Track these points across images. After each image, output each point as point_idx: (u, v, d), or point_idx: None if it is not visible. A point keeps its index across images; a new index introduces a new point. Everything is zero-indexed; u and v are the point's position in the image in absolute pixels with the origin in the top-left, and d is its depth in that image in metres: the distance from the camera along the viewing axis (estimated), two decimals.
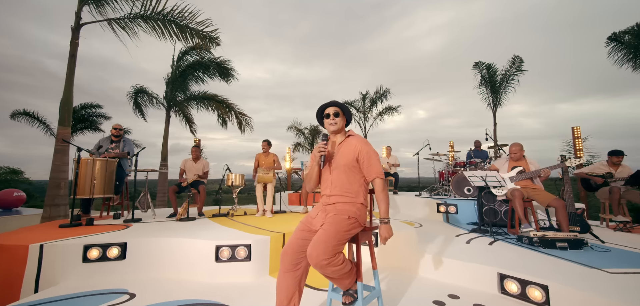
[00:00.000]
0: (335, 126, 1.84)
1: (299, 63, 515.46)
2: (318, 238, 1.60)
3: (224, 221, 4.21)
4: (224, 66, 11.21)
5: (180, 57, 11.57)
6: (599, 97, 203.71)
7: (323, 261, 1.54)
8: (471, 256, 2.76)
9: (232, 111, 11.79)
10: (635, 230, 4.01)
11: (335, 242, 1.59)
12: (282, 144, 25.59)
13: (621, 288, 1.99)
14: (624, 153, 4.30)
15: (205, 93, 11.66)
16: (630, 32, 10.30)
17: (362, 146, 1.79)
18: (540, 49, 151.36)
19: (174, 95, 11.53)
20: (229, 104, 11.72)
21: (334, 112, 1.84)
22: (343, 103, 1.86)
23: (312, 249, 1.56)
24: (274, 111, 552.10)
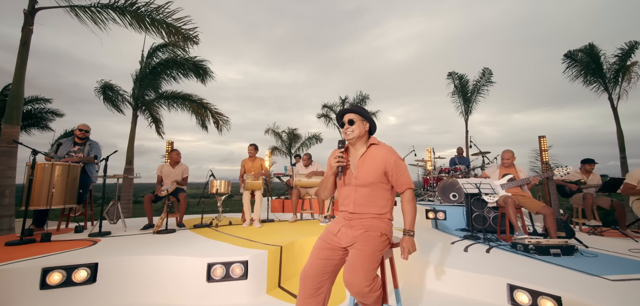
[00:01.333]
0: (352, 134, 1.66)
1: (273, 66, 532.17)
2: (355, 262, 1.41)
3: (209, 232, 3.84)
4: (200, 65, 10.60)
5: (150, 54, 10.76)
6: (549, 109, 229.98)
7: (365, 288, 1.36)
8: (475, 266, 2.73)
9: (209, 112, 11.19)
10: (606, 234, 4.31)
11: (373, 264, 1.42)
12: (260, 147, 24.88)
13: (626, 296, 2.03)
14: (595, 161, 4.64)
15: (180, 92, 10.94)
16: (583, 51, 11.44)
17: (389, 155, 1.63)
18: (498, 64, 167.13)
19: (143, 93, 10.67)
20: (205, 105, 11.11)
21: (348, 120, 1.66)
22: (362, 107, 1.69)
23: (352, 276, 1.37)
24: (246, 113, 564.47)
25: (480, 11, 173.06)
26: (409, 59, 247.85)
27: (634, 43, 10.75)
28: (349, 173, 1.68)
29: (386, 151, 1.66)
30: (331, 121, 17.70)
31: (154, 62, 10.69)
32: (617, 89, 11.14)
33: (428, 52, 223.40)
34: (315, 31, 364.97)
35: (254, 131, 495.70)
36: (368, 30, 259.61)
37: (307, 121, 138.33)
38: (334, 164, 1.63)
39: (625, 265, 2.74)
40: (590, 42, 11.09)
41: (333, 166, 1.64)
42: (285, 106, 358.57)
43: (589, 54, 11.23)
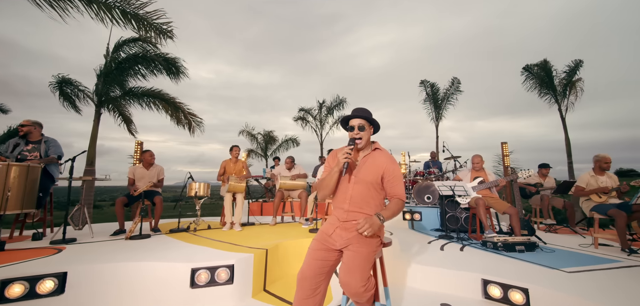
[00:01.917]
0: (361, 141, 1.70)
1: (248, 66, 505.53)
2: (351, 263, 1.45)
3: (187, 237, 3.69)
4: (173, 62, 10.10)
5: (117, 47, 10.06)
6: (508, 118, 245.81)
7: (361, 289, 1.40)
8: (452, 264, 2.91)
9: (181, 111, 10.69)
10: (559, 231, 4.80)
11: (369, 265, 1.47)
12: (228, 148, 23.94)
13: (581, 286, 2.29)
14: (550, 166, 5.15)
15: (151, 90, 10.32)
16: (539, 65, 12.63)
17: (389, 164, 1.70)
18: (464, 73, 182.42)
19: (107, 89, 9.93)
20: (178, 104, 10.60)
21: (358, 125, 1.69)
22: (368, 111, 1.73)
23: (349, 277, 1.41)
24: (218, 113, 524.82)
25: (449, 24, 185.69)
26: (382, 65, 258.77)
27: (578, 61, 12.09)
28: (352, 171, 1.72)
29: (387, 158, 1.72)
30: (308, 124, 17.77)
31: (120, 57, 10.01)
32: (566, 102, 12.44)
33: (400, 60, 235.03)
34: (291, 33, 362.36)
35: (226, 132, 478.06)
36: (344, 35, 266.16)
37: (283, 123, 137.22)
38: (342, 159, 1.63)
39: (578, 258, 3.08)
40: (545, 58, 12.28)
41: (341, 162, 1.64)
42: (259, 108, 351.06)
43: (543, 69, 12.43)
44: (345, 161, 1.61)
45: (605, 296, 2.06)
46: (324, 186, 1.74)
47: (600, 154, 3.80)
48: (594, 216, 3.69)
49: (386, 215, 1.62)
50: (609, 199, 3.70)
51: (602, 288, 2.23)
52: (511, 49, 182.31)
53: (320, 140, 17.66)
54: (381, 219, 1.60)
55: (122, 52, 10.09)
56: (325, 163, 1.85)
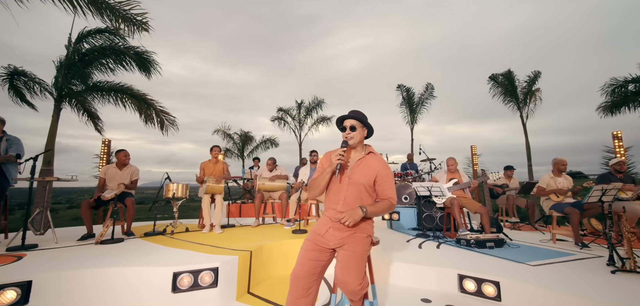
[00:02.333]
0: (353, 140, 1.74)
1: (224, 64, 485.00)
2: (348, 262, 1.49)
3: (165, 240, 3.54)
4: (145, 56, 9.56)
5: (80, 38, 9.33)
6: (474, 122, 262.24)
7: (358, 287, 1.45)
8: (430, 261, 3.07)
9: (152, 109, 10.15)
10: (522, 228, 5.22)
11: (364, 264, 1.52)
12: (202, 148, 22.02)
13: (544, 277, 2.53)
14: (514, 168, 5.58)
15: (118, 85, 9.68)
16: (503, 75, 13.60)
17: (382, 168, 1.75)
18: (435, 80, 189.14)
19: (69, 83, 9.18)
20: (149, 101, 10.04)
21: (350, 125, 1.74)
22: (363, 114, 1.78)
23: (346, 276, 1.45)
24: (192, 111, 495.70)
25: (421, 32, 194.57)
26: (359, 68, 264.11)
27: (537, 72, 13.19)
28: (343, 172, 1.76)
29: (381, 162, 1.78)
30: (287, 125, 17.66)
31: (85, 48, 9.30)
32: (526, 109, 13.52)
33: (376, 64, 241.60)
34: (269, 33, 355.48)
35: (200, 131, 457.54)
36: (322, 38, 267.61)
37: (259, 123, 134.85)
38: (335, 161, 1.66)
39: (540, 253, 3.38)
40: (509, 69, 13.25)
41: (333, 163, 1.67)
42: (235, 107, 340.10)
43: (507, 78, 13.41)
44: (338, 162, 1.65)
45: (564, 286, 2.29)
46: (316, 185, 1.77)
47: (558, 158, 4.20)
48: (553, 214, 4.07)
49: (370, 210, 1.65)
50: (565, 199, 4.09)
51: (561, 278, 2.48)
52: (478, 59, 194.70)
53: (299, 141, 17.64)
54: (364, 211, 1.62)
55: (86, 43, 9.38)
56: (318, 162, 1.88)
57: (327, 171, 1.72)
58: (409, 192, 5.73)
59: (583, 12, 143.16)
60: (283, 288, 2.81)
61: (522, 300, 2.33)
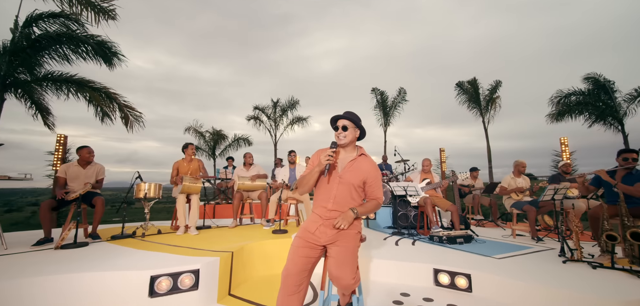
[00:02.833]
0: (345, 139, 1.78)
1: (194, 59, 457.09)
2: (341, 258, 1.53)
3: (136, 243, 3.33)
4: (107, 46, 8.86)
5: (30, 22, 8.41)
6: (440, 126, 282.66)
7: (352, 281, 1.49)
8: (406, 257, 3.22)
9: (115, 103, 9.43)
10: (486, 225, 5.65)
11: (355, 259, 1.57)
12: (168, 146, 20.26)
13: (508, 268, 2.77)
14: (479, 169, 6.03)
15: (75, 76, 8.87)
16: (469, 82, 14.59)
17: (372, 170, 1.81)
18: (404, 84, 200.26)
19: (14, 71, 8.24)
20: (112, 95, 9.32)
21: (342, 125, 1.78)
22: (356, 115, 1.81)
23: (341, 271, 1.48)
24: (156, 108, 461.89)
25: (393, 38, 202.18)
26: (334, 70, 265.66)
27: (498, 81, 14.34)
28: (334, 172, 1.79)
29: (371, 164, 1.84)
30: (262, 124, 17.36)
31: (36, 34, 8.39)
32: (488, 115, 14.64)
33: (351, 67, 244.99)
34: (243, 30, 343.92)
35: (165, 129, 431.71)
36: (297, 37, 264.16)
37: (231, 122, 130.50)
38: (324, 161, 1.68)
39: (503, 247, 3.70)
40: (474, 77, 14.23)
41: (322, 163, 1.70)
42: (205, 104, 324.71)
43: (472, 85, 14.42)
44: (326, 162, 1.69)
45: (525, 275, 2.54)
46: (305, 182, 1.80)
47: (518, 160, 4.62)
48: (513, 211, 4.46)
49: (360, 211, 1.75)
50: (523, 198, 4.51)
51: (521, 269, 2.74)
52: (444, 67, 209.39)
53: (274, 141, 17.43)
54: (355, 213, 1.71)
55: (37, 28, 8.48)
56: (309, 161, 1.90)
57: (315, 171, 1.75)
58: (384, 192, 5.94)
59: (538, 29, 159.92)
60: (264, 289, 2.79)
61: (490, 289, 2.55)
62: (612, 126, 11.36)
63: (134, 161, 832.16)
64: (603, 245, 2.90)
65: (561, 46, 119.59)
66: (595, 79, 11.41)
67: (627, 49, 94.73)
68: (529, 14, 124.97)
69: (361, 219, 1.83)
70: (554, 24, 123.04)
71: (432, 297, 2.57)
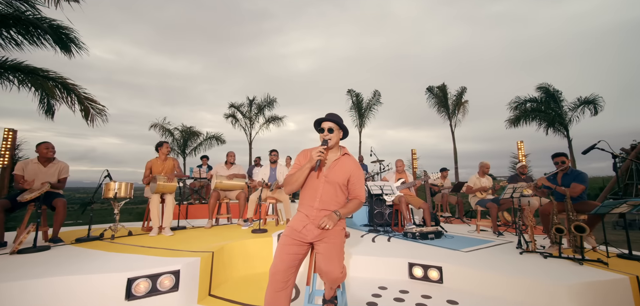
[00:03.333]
0: (331, 141, 1.85)
1: (162, 51, 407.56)
2: (330, 253, 1.60)
3: (106, 245, 3.15)
4: (64, 32, 8.15)
5: None
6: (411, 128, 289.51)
7: (340, 274, 1.56)
8: (383, 252, 3.38)
9: (74, 95, 8.70)
10: (453, 221, 6.05)
11: (342, 254, 1.64)
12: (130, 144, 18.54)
13: (474, 260, 3.03)
14: (448, 169, 6.44)
15: (20, 63, 8.00)
16: (438, 87, 15.42)
17: (356, 169, 1.89)
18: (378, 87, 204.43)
19: None
20: (70, 85, 8.58)
21: (328, 127, 1.84)
22: (339, 117, 1.89)
23: (330, 265, 1.55)
24: (118, 102, 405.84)
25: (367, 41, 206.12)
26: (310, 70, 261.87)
27: (464, 87, 15.33)
28: (320, 172, 1.85)
29: (355, 164, 1.92)
30: (237, 122, 16.94)
31: None
32: (455, 118, 15.61)
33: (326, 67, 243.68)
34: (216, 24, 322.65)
35: (128, 124, 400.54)
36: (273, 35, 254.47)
37: (201, 119, 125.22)
38: (315, 156, 1.74)
39: (469, 241, 4.01)
40: (444, 82, 15.09)
41: (314, 158, 1.75)
42: (173, 99, 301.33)
43: (441, 90, 15.27)
44: (318, 158, 1.75)
45: (488, 266, 2.80)
46: (293, 181, 1.83)
47: (483, 162, 5.03)
48: (478, 208, 4.85)
49: (343, 212, 1.83)
50: (487, 196, 4.91)
51: (485, 260, 3.01)
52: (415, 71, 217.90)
53: (249, 139, 17.11)
54: (338, 215, 1.80)
55: None
56: (295, 160, 1.94)
57: (306, 167, 1.80)
58: None
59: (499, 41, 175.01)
60: (245, 288, 2.78)
61: (459, 280, 2.77)
62: (559, 131, 12.70)
63: (91, 158, 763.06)
64: (552, 237, 3.27)
65: (519, 57, 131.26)
66: (546, 88, 12.65)
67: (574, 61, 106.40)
68: (491, 26, 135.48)
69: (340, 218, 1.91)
70: (513, 37, 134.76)
71: (408, 289, 2.74)
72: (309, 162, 1.79)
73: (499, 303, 2.42)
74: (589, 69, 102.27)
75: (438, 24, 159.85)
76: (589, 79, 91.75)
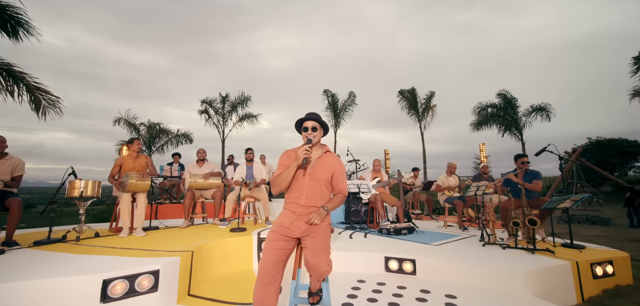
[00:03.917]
0: (314, 139, 1.90)
1: (123, 40, 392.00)
2: (318, 248, 1.67)
3: (68, 248, 2.93)
4: (10, 12, 7.36)
5: None
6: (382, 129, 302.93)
7: (327, 267, 1.63)
8: (360, 248, 3.53)
9: (23, 84, 7.88)
10: (423, 218, 6.43)
11: (329, 247, 1.72)
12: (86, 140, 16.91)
13: (443, 253, 3.28)
14: (419, 169, 6.82)
15: None
16: (409, 91, 16.15)
17: (338, 164, 1.98)
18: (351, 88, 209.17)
19: None
20: (18, 73, 7.76)
21: (312, 126, 1.90)
22: (319, 116, 1.96)
23: (318, 259, 1.62)
24: (71, 93, 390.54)
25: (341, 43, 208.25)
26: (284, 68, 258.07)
27: (432, 92, 16.21)
28: (305, 170, 1.90)
29: (337, 160, 2.01)
30: (210, 119, 16.34)
31: None
32: (424, 121, 16.45)
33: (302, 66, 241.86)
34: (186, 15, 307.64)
35: (83, 118, 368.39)
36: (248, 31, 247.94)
37: (168, 114, 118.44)
38: (301, 154, 1.79)
39: (438, 236, 4.31)
40: (413, 86, 15.83)
41: (300, 156, 1.80)
42: (136, 93, 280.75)
43: (411, 94, 16.01)
44: (304, 156, 1.80)
45: (456, 258, 3.06)
46: (281, 181, 1.87)
47: (451, 162, 5.41)
48: (446, 205, 5.21)
49: (330, 206, 1.91)
50: (454, 194, 5.30)
51: (453, 253, 3.28)
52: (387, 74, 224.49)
53: (222, 137, 16.60)
54: (325, 210, 1.87)
55: None
56: (279, 161, 1.98)
57: (293, 166, 1.84)
58: None
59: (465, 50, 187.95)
60: (224, 287, 2.77)
61: (430, 271, 2.99)
62: (515, 134, 13.96)
63: (37, 155, 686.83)
64: (510, 230, 3.64)
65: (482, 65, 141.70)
66: (505, 95, 13.82)
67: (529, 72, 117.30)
68: (458, 35, 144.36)
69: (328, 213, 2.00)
70: (477, 46, 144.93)
71: (385, 281, 2.91)
72: (295, 161, 1.84)
73: (466, 290, 2.66)
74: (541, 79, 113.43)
75: (409, 30, 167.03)
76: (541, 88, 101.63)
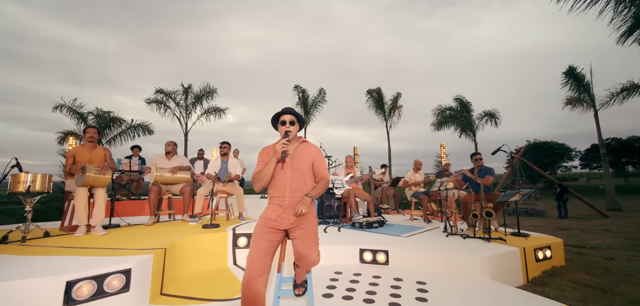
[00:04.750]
0: (291, 133, 1.92)
1: (64, 19, 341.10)
2: (307, 239, 1.70)
3: (13, 249, 2.60)
4: None
5: None
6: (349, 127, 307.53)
7: (317, 257, 1.67)
8: (335, 241, 3.64)
9: None
10: (391, 212, 6.78)
11: (318, 238, 1.76)
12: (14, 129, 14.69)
13: (412, 244, 3.53)
14: (387, 165, 7.15)
15: None
16: (376, 91, 16.76)
17: (317, 152, 2.02)
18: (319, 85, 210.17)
19: None
20: None
21: (290, 120, 1.92)
22: (295, 110, 1.99)
23: (308, 250, 1.65)
24: None
25: (309, 39, 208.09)
26: (250, 61, 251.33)
27: (399, 93, 17.01)
28: (285, 163, 1.91)
29: (315, 148, 2.04)
30: (170, 111, 15.30)
31: None
32: (390, 120, 17.21)
33: (269, 60, 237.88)
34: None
35: (9, 104, 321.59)
36: (210, 18, 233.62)
37: (117, 103, 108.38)
38: (279, 149, 1.80)
39: (406, 229, 4.59)
40: (379, 87, 16.46)
41: (278, 151, 1.81)
42: (79, 78, 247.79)
43: (378, 94, 16.63)
44: (283, 149, 1.82)
45: (423, 247, 3.31)
46: (262, 177, 1.87)
47: (417, 160, 5.78)
48: (412, 200, 5.56)
49: (314, 193, 1.94)
50: (419, 189, 5.67)
51: (420, 243, 3.54)
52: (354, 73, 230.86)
53: (185, 130, 15.66)
54: (310, 197, 1.90)
55: None
56: (258, 158, 1.97)
57: (272, 161, 1.85)
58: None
59: (427, 54, 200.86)
60: (197, 284, 2.69)
61: (401, 261, 3.20)
62: (469, 135, 15.26)
63: None
64: (469, 221, 4.02)
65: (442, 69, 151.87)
66: (461, 99, 15.02)
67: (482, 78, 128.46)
68: (420, 40, 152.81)
69: (314, 202, 2.04)
70: (437, 51, 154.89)
71: (360, 272, 3.04)
72: (274, 156, 1.85)
73: (434, 276, 2.90)
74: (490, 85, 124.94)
75: (376, 32, 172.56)
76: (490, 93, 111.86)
